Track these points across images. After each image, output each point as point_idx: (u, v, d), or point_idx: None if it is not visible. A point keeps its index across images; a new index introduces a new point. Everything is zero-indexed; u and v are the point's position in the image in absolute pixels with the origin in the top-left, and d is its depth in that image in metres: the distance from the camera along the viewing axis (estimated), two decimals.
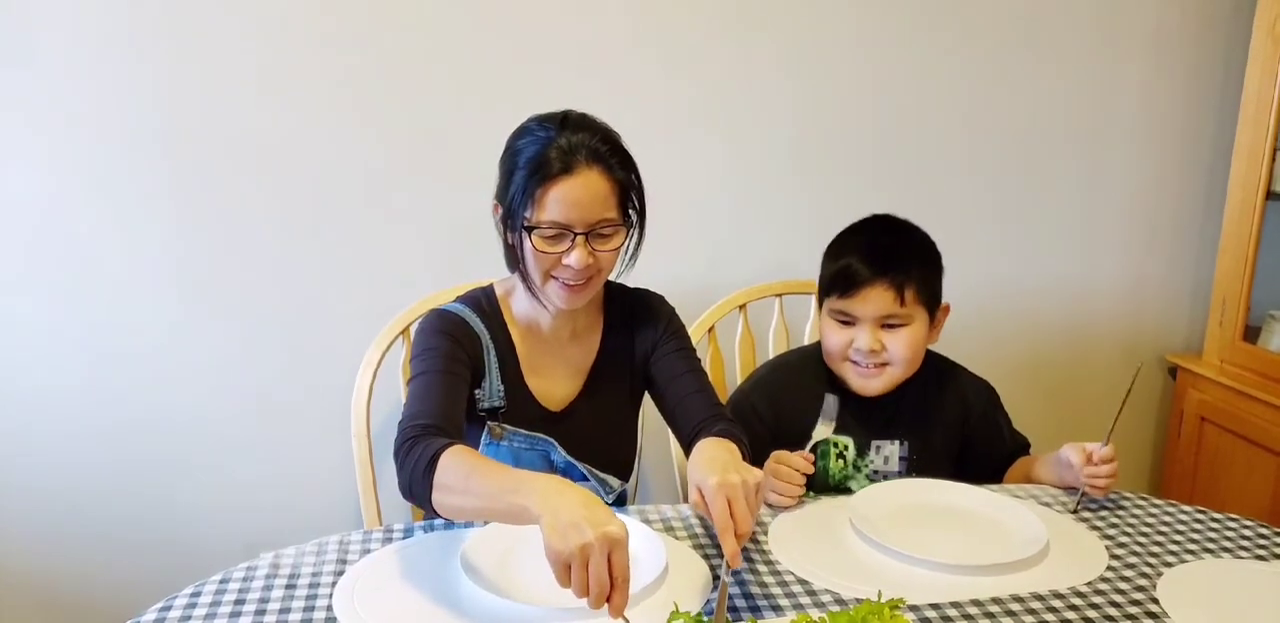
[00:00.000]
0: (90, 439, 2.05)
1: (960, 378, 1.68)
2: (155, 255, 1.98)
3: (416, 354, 1.39)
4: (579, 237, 1.31)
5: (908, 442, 1.60)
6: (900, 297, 1.49)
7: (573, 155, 1.29)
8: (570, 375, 1.50)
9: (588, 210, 1.30)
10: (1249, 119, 2.18)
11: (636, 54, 2.07)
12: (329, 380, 2.05)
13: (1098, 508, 1.46)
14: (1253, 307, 2.23)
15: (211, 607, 1.14)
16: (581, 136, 1.30)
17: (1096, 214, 2.39)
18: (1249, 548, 1.34)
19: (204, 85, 1.92)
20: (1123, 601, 1.19)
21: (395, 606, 1.15)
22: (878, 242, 1.54)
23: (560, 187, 1.28)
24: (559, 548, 0.98)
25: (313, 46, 1.94)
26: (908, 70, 2.20)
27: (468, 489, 1.12)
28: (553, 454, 1.45)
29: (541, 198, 1.29)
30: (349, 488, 1.78)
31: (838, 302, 1.52)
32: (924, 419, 1.61)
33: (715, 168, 2.17)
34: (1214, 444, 2.29)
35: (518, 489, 1.06)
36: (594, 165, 1.30)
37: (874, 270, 1.49)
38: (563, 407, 1.49)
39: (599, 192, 1.30)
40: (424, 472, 1.16)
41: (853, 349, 1.53)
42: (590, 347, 1.51)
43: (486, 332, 1.43)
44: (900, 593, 1.09)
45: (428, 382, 1.34)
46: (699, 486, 1.15)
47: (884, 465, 1.60)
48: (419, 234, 2.07)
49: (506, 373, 1.44)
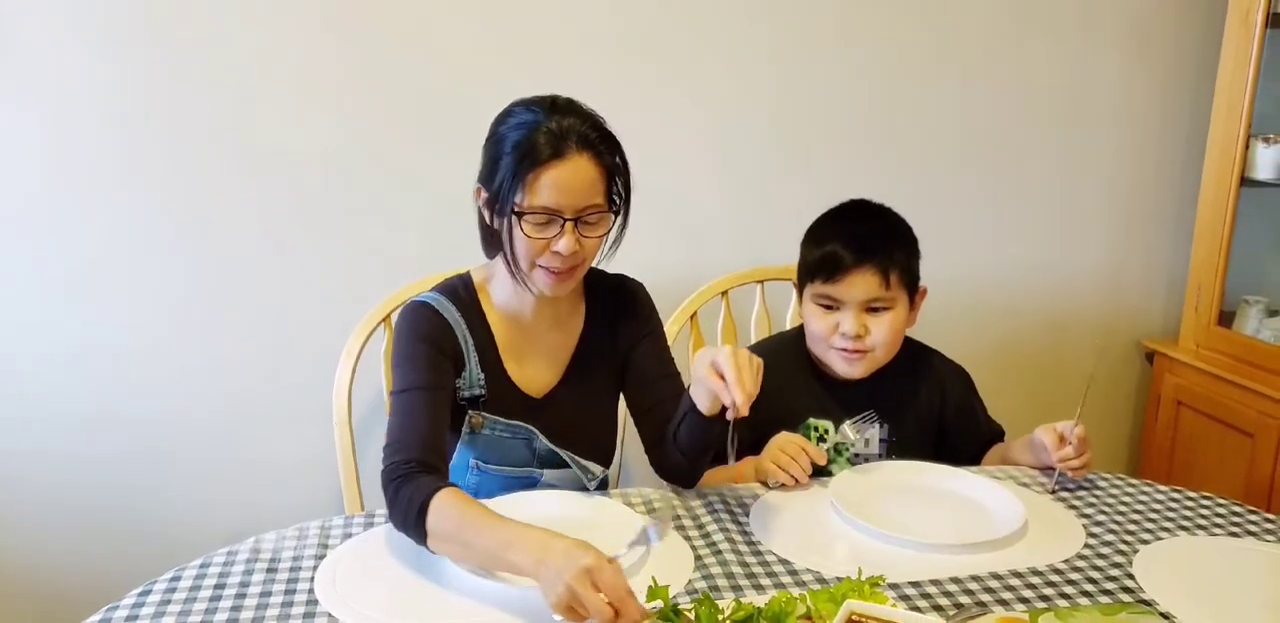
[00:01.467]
0: (71, 430, 2.03)
1: (936, 363, 1.70)
2: (134, 248, 1.96)
3: (397, 362, 1.38)
4: (568, 223, 1.30)
5: (887, 425, 1.62)
6: (885, 281, 1.51)
7: (563, 140, 1.28)
8: (551, 363, 1.50)
9: (577, 196, 1.30)
10: (1223, 106, 2.20)
11: (618, 41, 2.07)
12: (310, 370, 2.04)
13: (1075, 488, 1.48)
14: (1227, 292, 2.26)
15: (191, 591, 1.14)
16: (571, 121, 1.30)
17: (1074, 201, 2.41)
18: (1223, 526, 1.36)
19: (175, 75, 1.90)
20: (1099, 577, 1.20)
21: (378, 588, 1.16)
22: (860, 227, 1.55)
23: (551, 172, 1.28)
24: (553, 601, 1.02)
25: (290, 38, 1.92)
26: (888, 60, 2.21)
27: (461, 541, 1.15)
28: (534, 442, 1.45)
29: (532, 183, 1.28)
30: (332, 477, 1.78)
31: (823, 286, 1.53)
32: (902, 403, 1.63)
33: (697, 155, 2.17)
34: (1190, 427, 2.31)
35: (511, 548, 1.10)
36: (584, 151, 1.29)
37: (859, 256, 1.50)
38: (544, 393, 1.48)
39: (588, 177, 1.30)
40: (415, 518, 1.17)
41: (838, 334, 1.54)
42: (571, 334, 1.51)
43: (463, 321, 1.42)
44: (880, 572, 1.10)
45: (410, 402, 1.33)
46: (710, 357, 1.24)
47: (864, 448, 1.62)
48: (398, 223, 2.06)
49: (486, 361, 1.44)
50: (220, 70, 1.91)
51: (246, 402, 2.09)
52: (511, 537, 1.11)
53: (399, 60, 1.98)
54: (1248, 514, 1.40)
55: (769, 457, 1.46)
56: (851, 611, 1.01)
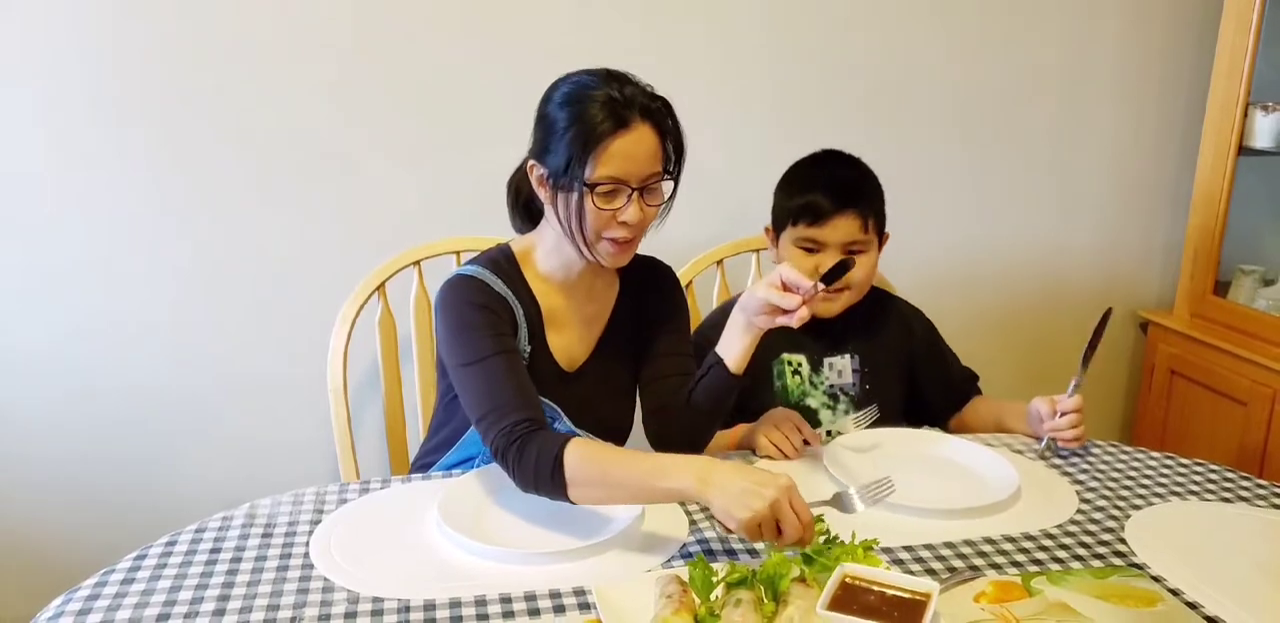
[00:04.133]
0: (68, 404, 2.03)
1: (900, 304, 1.79)
2: (127, 221, 1.95)
3: (456, 334, 1.33)
4: (635, 193, 1.29)
5: (858, 355, 1.68)
6: (865, 225, 1.59)
7: (628, 109, 1.27)
8: (585, 335, 1.48)
9: (643, 165, 1.29)
10: (1222, 73, 2.18)
11: (616, 6, 2.05)
12: (305, 340, 2.03)
13: (1069, 455, 1.49)
14: (1223, 261, 2.25)
15: (187, 555, 1.15)
16: (631, 90, 1.28)
17: (1071, 170, 2.40)
18: (1215, 491, 1.37)
19: (166, 47, 1.88)
20: (1091, 542, 1.21)
21: (373, 552, 1.16)
22: (839, 174, 1.64)
23: (618, 142, 1.26)
24: (746, 516, 1.05)
25: (287, 9, 1.90)
26: (884, 28, 2.19)
27: (609, 483, 1.16)
28: (557, 422, 1.42)
29: (600, 154, 1.26)
30: (328, 449, 1.78)
31: (806, 230, 1.60)
32: (869, 333, 1.70)
33: (693, 124, 2.15)
34: (1183, 396, 2.32)
35: (666, 474, 1.12)
36: (646, 120, 1.28)
37: (842, 201, 1.58)
38: (575, 367, 1.47)
39: (651, 146, 1.29)
40: (551, 473, 1.17)
41: (818, 274, 1.58)
42: (605, 305, 1.49)
43: (510, 293, 1.39)
44: (875, 537, 1.11)
45: (492, 368, 1.29)
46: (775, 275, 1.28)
47: (838, 379, 1.67)
48: (392, 192, 2.05)
49: (533, 332, 1.41)
50: (217, 41, 1.89)
51: (242, 375, 2.09)
52: (666, 463, 1.13)
53: (397, 28, 1.96)
54: (1240, 480, 1.40)
55: (762, 431, 1.48)
56: (846, 574, 1.02)
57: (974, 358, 1.79)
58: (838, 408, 1.66)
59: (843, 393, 1.66)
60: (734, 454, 1.48)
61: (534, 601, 1.06)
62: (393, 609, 1.04)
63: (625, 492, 1.16)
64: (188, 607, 1.04)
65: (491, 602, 1.06)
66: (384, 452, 1.91)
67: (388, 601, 1.06)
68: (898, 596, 1.00)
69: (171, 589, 1.08)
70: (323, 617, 1.03)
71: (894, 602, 0.99)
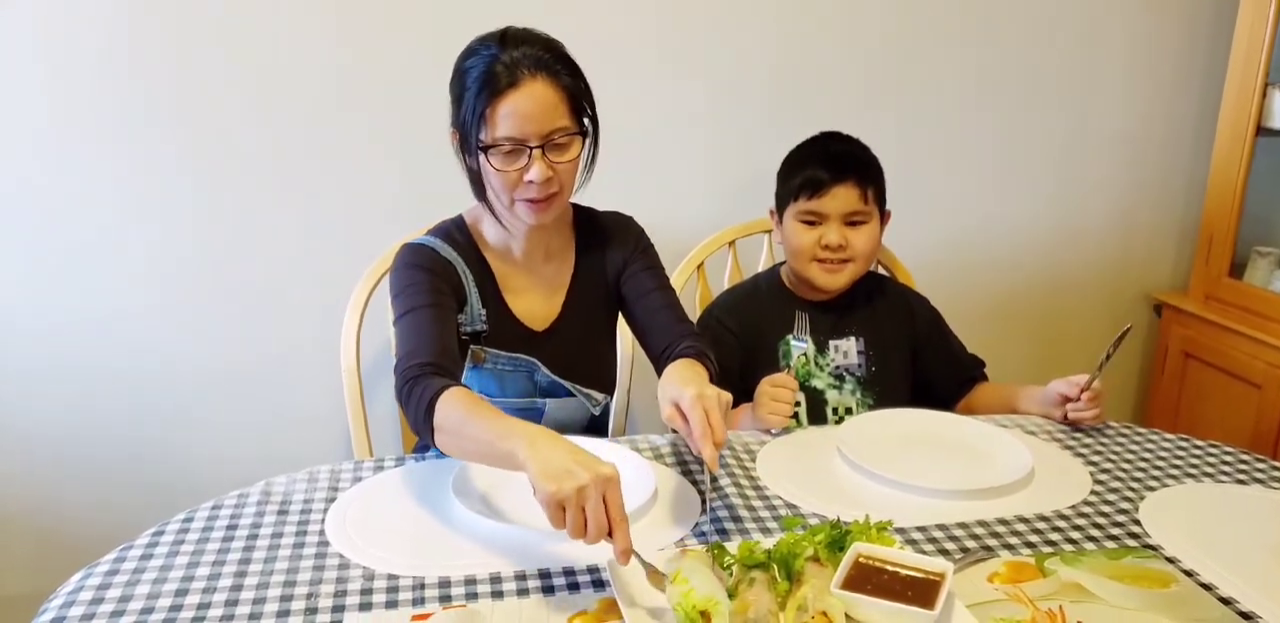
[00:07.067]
0: (86, 384, 2.04)
1: (900, 287, 1.82)
2: (141, 200, 1.96)
3: (397, 293, 1.39)
4: (535, 150, 1.30)
5: (862, 337, 1.69)
6: (864, 195, 1.62)
7: (516, 68, 1.28)
8: (549, 295, 1.52)
9: (540, 122, 1.29)
10: (1240, 54, 2.16)
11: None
12: (318, 321, 2.04)
13: (1082, 436, 1.48)
14: (1238, 243, 2.24)
15: (204, 532, 1.15)
16: (523, 50, 1.29)
17: (1085, 151, 2.38)
18: (1230, 473, 1.36)
19: (170, 34, 1.88)
20: (1105, 523, 1.21)
21: (388, 529, 1.17)
22: (836, 148, 1.67)
23: (509, 101, 1.28)
24: (551, 490, 0.98)
25: (288, 7, 1.90)
26: (897, 6, 2.17)
27: (463, 434, 1.14)
28: (536, 374, 1.47)
29: (491, 115, 1.28)
30: (341, 429, 1.79)
31: (806, 203, 1.62)
32: (872, 315, 1.72)
33: (704, 107, 2.15)
34: (1197, 378, 2.31)
35: (508, 436, 1.07)
36: (538, 75, 1.29)
37: (840, 172, 1.61)
38: (545, 326, 1.50)
39: (548, 101, 1.29)
40: (424, 415, 1.18)
41: (821, 246, 1.63)
42: (565, 266, 1.53)
43: (460, 259, 1.44)
44: (888, 518, 1.11)
45: (416, 318, 1.34)
46: (674, 399, 1.19)
47: (844, 360, 1.68)
48: (406, 175, 2.05)
49: (486, 296, 1.46)
50: (218, 29, 1.89)
51: (257, 356, 2.10)
52: (512, 426, 1.09)
53: (389, 14, 1.95)
54: (1255, 462, 1.40)
55: (761, 406, 1.48)
56: (860, 553, 1.02)
57: (984, 342, 1.79)
58: (844, 389, 1.66)
59: (849, 374, 1.67)
60: (744, 433, 1.48)
61: (548, 578, 1.06)
62: (407, 586, 1.05)
63: (475, 446, 1.13)
64: (205, 583, 1.05)
65: (506, 579, 1.06)
66: (397, 431, 1.92)
67: (403, 578, 1.06)
68: (912, 575, 1.00)
69: (189, 565, 1.09)
70: (338, 593, 1.03)
71: (908, 582, 0.99)
